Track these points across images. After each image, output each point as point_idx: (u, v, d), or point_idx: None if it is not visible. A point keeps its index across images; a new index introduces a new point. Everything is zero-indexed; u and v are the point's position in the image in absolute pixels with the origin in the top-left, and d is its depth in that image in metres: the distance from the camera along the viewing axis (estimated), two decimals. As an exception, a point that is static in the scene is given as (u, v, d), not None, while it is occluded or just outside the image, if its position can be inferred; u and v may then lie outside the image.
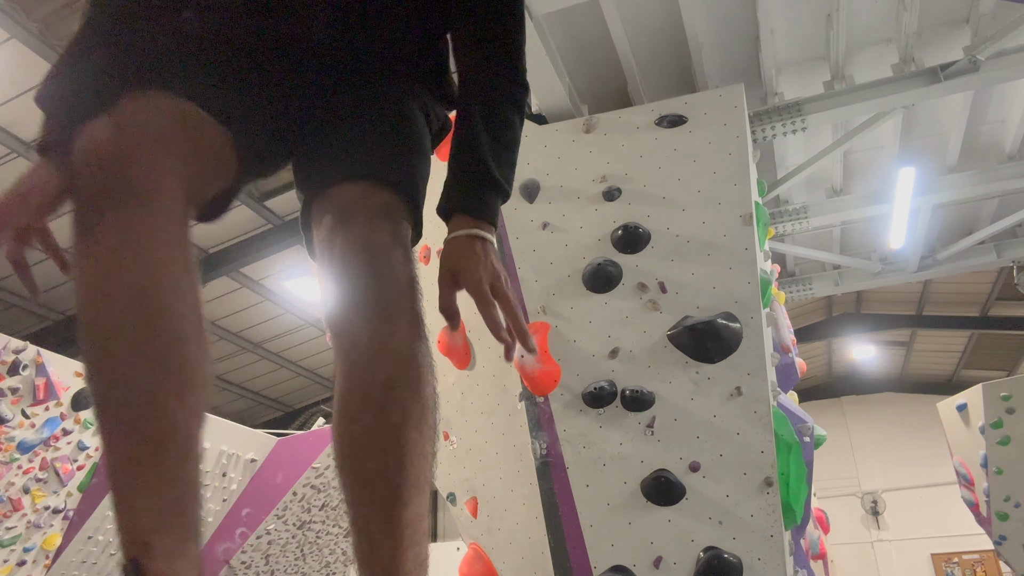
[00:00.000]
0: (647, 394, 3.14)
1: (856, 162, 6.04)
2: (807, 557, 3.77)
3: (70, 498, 5.61)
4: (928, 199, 5.79)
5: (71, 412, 5.45)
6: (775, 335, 3.62)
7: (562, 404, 3.24)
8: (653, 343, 3.20)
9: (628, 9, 4.02)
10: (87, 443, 5.59)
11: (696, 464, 3.04)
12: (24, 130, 6.63)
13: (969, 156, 5.77)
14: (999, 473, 6.34)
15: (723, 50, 4.70)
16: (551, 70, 3.78)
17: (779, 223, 5.96)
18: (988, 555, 12.24)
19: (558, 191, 3.48)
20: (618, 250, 3.32)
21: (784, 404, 3.35)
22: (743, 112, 3.40)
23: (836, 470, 13.26)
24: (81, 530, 5.78)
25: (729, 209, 3.25)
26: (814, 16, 4.67)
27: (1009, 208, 6.23)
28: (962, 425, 6.77)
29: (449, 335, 3.58)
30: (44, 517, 5.46)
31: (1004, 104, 5.40)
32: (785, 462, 3.06)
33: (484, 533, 3.57)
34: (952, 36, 4.73)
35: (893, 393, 14.36)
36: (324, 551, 8.88)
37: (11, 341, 5.12)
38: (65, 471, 5.48)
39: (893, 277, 7.01)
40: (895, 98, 4.58)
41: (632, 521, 3.05)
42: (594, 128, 3.59)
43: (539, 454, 3.21)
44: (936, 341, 12.48)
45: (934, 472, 12.49)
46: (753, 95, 4.83)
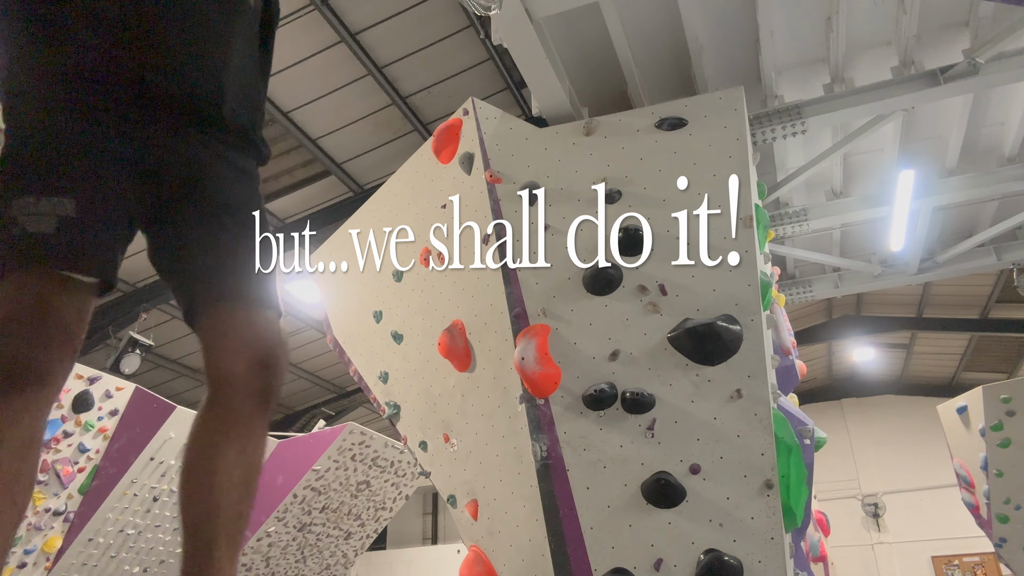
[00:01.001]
0: (647, 396, 3.14)
1: (856, 165, 6.04)
2: (807, 559, 3.77)
3: (71, 500, 5.61)
4: (928, 201, 5.79)
5: (72, 414, 5.46)
6: (775, 337, 3.62)
7: (562, 406, 3.24)
8: (653, 345, 3.20)
9: (628, 12, 4.03)
10: (88, 445, 5.59)
11: (696, 466, 3.04)
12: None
13: (969, 159, 5.77)
14: (999, 475, 6.34)
15: (723, 53, 4.71)
16: (551, 73, 3.79)
17: (779, 225, 5.97)
18: (989, 557, 12.23)
19: (558, 193, 3.49)
20: (618, 252, 3.33)
21: (784, 406, 3.36)
22: (743, 115, 3.41)
23: (836, 472, 13.27)
24: (82, 532, 5.79)
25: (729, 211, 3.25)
26: (814, 19, 4.67)
27: (1009, 210, 6.23)
28: (962, 427, 6.77)
29: (450, 337, 3.59)
30: (45, 519, 5.47)
31: (1004, 107, 5.41)
32: (785, 464, 3.07)
33: (484, 535, 3.57)
34: (952, 39, 4.74)
35: (893, 395, 14.37)
36: (324, 553, 8.87)
37: (12, 343, 5.12)
38: (66, 473, 5.49)
39: (893, 279, 7.01)
40: (895, 101, 4.59)
41: (632, 523, 3.05)
42: (594, 131, 3.60)
43: (539, 456, 3.21)
44: (936, 343, 12.49)
45: (934, 474, 12.49)
46: (753, 98, 4.84)
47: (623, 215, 3.23)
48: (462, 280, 3.66)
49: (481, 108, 3.80)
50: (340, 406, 12.94)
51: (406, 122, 7.15)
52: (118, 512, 6.01)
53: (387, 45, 6.44)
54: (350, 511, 8.58)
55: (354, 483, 8.23)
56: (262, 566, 8.08)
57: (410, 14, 6.15)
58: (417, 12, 6.15)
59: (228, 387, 1.37)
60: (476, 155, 3.70)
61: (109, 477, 5.82)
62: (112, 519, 5.98)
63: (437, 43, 6.38)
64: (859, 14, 4.59)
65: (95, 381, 5.60)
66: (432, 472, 3.91)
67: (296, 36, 6.15)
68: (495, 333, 3.47)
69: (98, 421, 5.62)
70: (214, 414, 1.37)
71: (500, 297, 3.43)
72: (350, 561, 9.27)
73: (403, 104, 7.00)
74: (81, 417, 5.51)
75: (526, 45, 3.66)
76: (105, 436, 5.70)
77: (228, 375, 1.37)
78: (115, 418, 5.73)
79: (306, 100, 6.78)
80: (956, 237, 6.79)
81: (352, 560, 9.28)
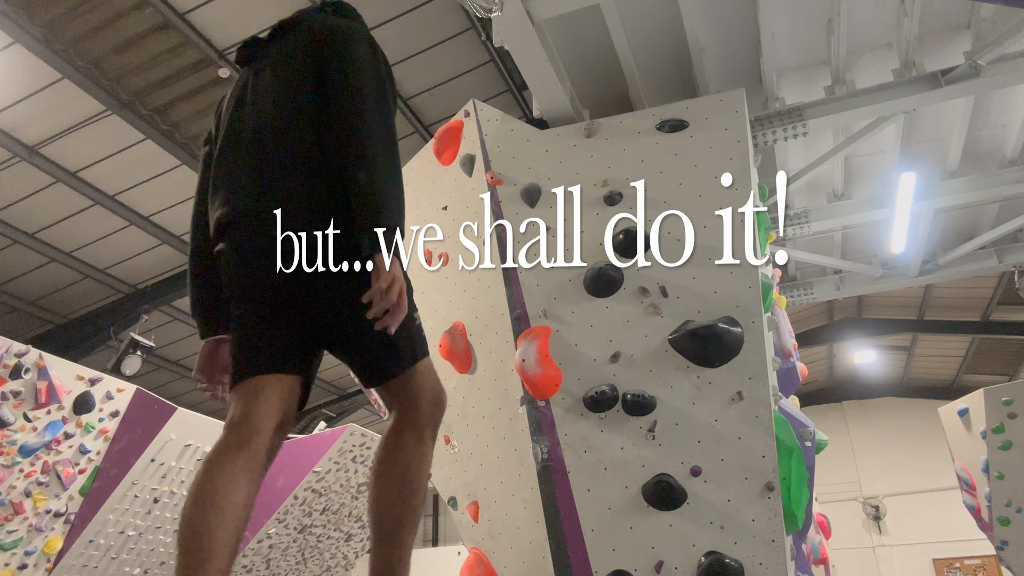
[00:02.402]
0: (648, 398, 3.14)
1: (857, 167, 6.04)
2: (808, 562, 3.76)
3: (71, 502, 5.61)
4: (929, 204, 5.79)
5: (73, 416, 5.46)
6: (776, 339, 3.62)
7: (563, 408, 3.24)
8: (654, 347, 3.20)
9: (629, 14, 4.03)
10: (88, 447, 5.59)
11: (697, 468, 3.04)
12: (27, 134, 6.64)
13: (970, 161, 5.77)
14: (1001, 478, 6.33)
15: (724, 55, 4.71)
16: (552, 75, 3.79)
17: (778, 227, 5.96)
18: (990, 560, 12.21)
19: (559, 195, 3.49)
20: (619, 254, 3.33)
21: (785, 408, 3.35)
22: (744, 117, 3.41)
23: (837, 475, 13.24)
24: (82, 534, 5.79)
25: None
26: (815, 21, 4.67)
27: (1010, 213, 6.22)
28: (964, 430, 6.76)
29: (451, 339, 3.59)
30: (45, 521, 5.47)
31: (1005, 109, 5.41)
32: (786, 467, 3.06)
33: (485, 537, 3.56)
34: (953, 41, 4.74)
35: (894, 398, 14.35)
36: (325, 555, 8.87)
37: (13, 345, 5.12)
38: (67, 475, 5.49)
39: (894, 282, 7.01)
40: (896, 103, 4.58)
41: (633, 525, 3.05)
42: (595, 133, 3.60)
43: (540, 458, 3.21)
44: (937, 346, 12.48)
45: (936, 477, 12.47)
46: (754, 100, 4.84)
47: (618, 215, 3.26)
48: (463, 281, 3.66)
49: (482, 110, 3.80)
50: (341, 408, 12.93)
51: (407, 124, 7.15)
52: (119, 513, 6.01)
53: (388, 47, 6.38)
54: (351, 513, 8.57)
55: (355, 485, 8.22)
56: (263, 568, 8.07)
57: (411, 16, 6.15)
58: (418, 14, 6.16)
59: (420, 417, 1.92)
60: (477, 157, 3.70)
61: (110, 478, 5.82)
62: (113, 520, 5.98)
63: (438, 45, 6.38)
64: (860, 16, 4.59)
65: (96, 382, 5.59)
66: (433, 474, 3.91)
67: (297, 38, 6.14)
68: (496, 335, 3.47)
69: (99, 422, 5.62)
70: (409, 436, 1.91)
71: (501, 299, 3.43)
72: (351, 563, 9.26)
73: (404, 106, 7.00)
74: (82, 418, 5.50)
75: (527, 47, 3.66)
76: (106, 437, 5.69)
77: (419, 412, 1.92)
78: (116, 419, 5.73)
79: (307, 102, 6.77)
80: (957, 239, 6.78)
81: (353, 562, 9.27)
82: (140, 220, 7.84)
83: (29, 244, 7.84)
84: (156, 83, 6.45)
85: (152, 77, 6.40)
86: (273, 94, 1.93)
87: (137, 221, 7.83)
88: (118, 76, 6.32)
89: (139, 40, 6.08)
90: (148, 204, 7.72)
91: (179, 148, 7.05)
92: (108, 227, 7.89)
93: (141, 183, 7.41)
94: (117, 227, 7.91)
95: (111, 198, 7.49)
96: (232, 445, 1.68)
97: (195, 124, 6.92)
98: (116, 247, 8.20)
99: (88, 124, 6.64)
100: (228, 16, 5.99)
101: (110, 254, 8.31)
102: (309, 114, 1.86)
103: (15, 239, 7.74)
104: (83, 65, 6.13)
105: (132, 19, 5.91)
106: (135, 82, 6.41)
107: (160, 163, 7.18)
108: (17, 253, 7.96)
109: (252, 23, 6.03)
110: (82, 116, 6.56)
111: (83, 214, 7.62)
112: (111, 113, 6.54)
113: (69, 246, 8.06)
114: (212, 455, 1.66)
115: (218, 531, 1.54)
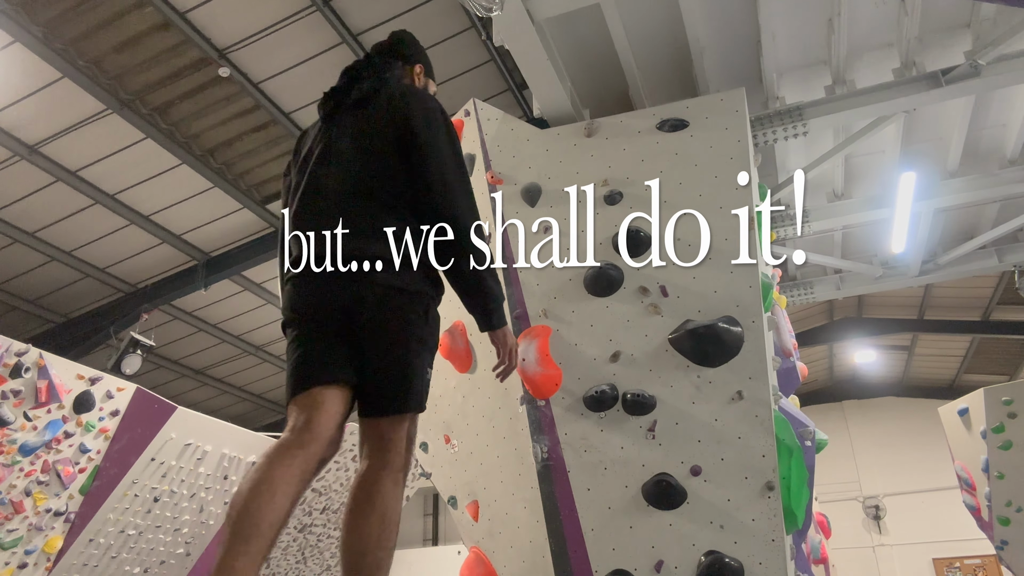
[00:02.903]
0: (648, 398, 3.14)
1: (857, 166, 6.04)
2: (808, 561, 3.77)
3: (71, 501, 5.61)
4: (929, 203, 5.79)
5: (73, 415, 5.45)
6: (776, 339, 3.62)
7: (563, 408, 3.24)
8: (654, 347, 3.20)
9: (630, 13, 4.03)
10: (89, 446, 5.59)
11: (697, 468, 3.04)
12: (27, 133, 6.64)
13: (970, 160, 5.76)
14: (1001, 478, 6.33)
15: (724, 54, 4.70)
16: (552, 74, 3.79)
17: (781, 227, 5.97)
18: (990, 560, 12.22)
19: (560, 195, 3.49)
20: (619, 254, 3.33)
21: (785, 408, 3.35)
22: (744, 116, 3.41)
23: (837, 474, 13.25)
24: (82, 533, 5.78)
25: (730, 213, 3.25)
26: (815, 21, 4.67)
27: (1010, 212, 6.22)
28: (964, 429, 6.76)
29: (451, 339, 3.59)
30: (45, 520, 5.47)
31: (1005, 108, 5.40)
32: (786, 466, 3.06)
33: (485, 537, 3.57)
34: (953, 40, 4.74)
35: (894, 397, 14.36)
36: (325, 554, 8.87)
37: (13, 344, 5.12)
38: (67, 474, 5.49)
39: (894, 281, 7.01)
40: (896, 102, 4.58)
41: (633, 525, 3.05)
42: (595, 132, 3.60)
43: (540, 458, 3.21)
44: (937, 345, 12.49)
45: (936, 476, 12.47)
46: (754, 99, 4.84)
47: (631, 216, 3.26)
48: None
49: (482, 109, 3.80)
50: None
51: (408, 123, 7.16)
52: (119, 513, 6.01)
53: (388, 46, 6.43)
54: (351, 512, 8.57)
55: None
56: (263, 567, 8.08)
57: (411, 15, 6.15)
58: (418, 13, 6.16)
59: (399, 461, 2.01)
60: (477, 156, 3.70)
61: (110, 478, 5.82)
62: (113, 520, 5.98)
63: (438, 44, 6.38)
64: (861, 16, 4.59)
65: (96, 382, 5.59)
66: (433, 473, 3.91)
67: (298, 37, 6.16)
68: (496, 334, 3.46)
69: (99, 422, 5.62)
70: (387, 479, 1.96)
71: (501, 298, 3.42)
72: (351, 562, 9.26)
73: (405, 105, 7.00)
74: (82, 418, 5.50)
75: (527, 46, 3.66)
76: (106, 437, 5.69)
77: (399, 456, 2.01)
78: (116, 419, 5.73)
79: (307, 101, 6.78)
80: (957, 239, 6.78)
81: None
82: (140, 219, 7.85)
83: (29, 243, 7.84)
84: (156, 82, 6.45)
85: (152, 76, 6.40)
86: (359, 164, 2.17)
87: (137, 220, 7.84)
88: (118, 75, 6.33)
89: (139, 39, 6.08)
90: (148, 203, 7.72)
91: (179, 147, 7.06)
92: (108, 226, 7.89)
93: (141, 182, 7.41)
94: (117, 226, 7.92)
95: (111, 197, 7.50)
96: (293, 444, 1.85)
97: (195, 123, 6.92)
98: (116, 246, 8.21)
99: (88, 123, 6.65)
100: (228, 15, 5.99)
101: (110, 253, 8.31)
102: (389, 181, 2.14)
103: (15, 238, 7.74)
104: (83, 64, 6.14)
105: (132, 18, 5.91)
106: (135, 81, 6.41)
107: (160, 162, 7.19)
108: (17, 252, 7.97)
109: (252, 22, 6.03)
110: (82, 115, 6.56)
111: (83, 213, 7.63)
112: (111, 112, 6.54)
113: (69, 245, 8.07)
114: (273, 451, 1.83)
115: (268, 514, 1.71)
